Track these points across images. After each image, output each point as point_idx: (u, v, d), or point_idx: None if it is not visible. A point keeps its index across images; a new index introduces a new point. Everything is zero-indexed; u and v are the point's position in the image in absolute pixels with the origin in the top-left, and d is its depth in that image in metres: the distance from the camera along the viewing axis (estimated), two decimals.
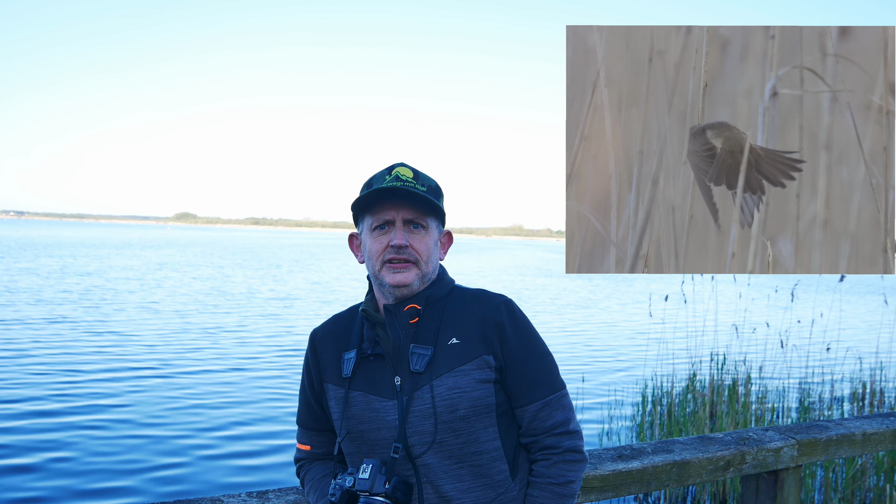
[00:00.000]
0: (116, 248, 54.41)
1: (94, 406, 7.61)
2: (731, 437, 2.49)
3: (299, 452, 1.73)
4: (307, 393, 1.68)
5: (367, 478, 1.44)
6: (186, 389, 8.58)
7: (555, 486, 1.54)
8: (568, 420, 1.58)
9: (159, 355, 10.74)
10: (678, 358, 8.45)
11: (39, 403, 7.58)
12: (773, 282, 19.74)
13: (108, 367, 9.66)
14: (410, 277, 1.53)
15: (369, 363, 1.57)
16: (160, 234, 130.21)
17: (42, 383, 8.51)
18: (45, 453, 6.05)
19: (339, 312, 1.72)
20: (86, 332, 12.61)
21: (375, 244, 1.55)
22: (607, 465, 2.14)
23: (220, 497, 1.81)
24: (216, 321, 15.01)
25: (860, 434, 2.71)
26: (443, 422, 1.49)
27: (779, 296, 13.75)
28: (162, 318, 15.00)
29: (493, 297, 1.60)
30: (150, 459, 6.04)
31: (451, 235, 1.70)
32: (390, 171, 1.56)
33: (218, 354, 11.07)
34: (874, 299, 24.97)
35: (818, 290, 19.36)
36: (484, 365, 1.52)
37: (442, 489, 1.50)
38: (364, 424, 1.54)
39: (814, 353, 8.47)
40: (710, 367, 6.81)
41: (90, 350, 10.93)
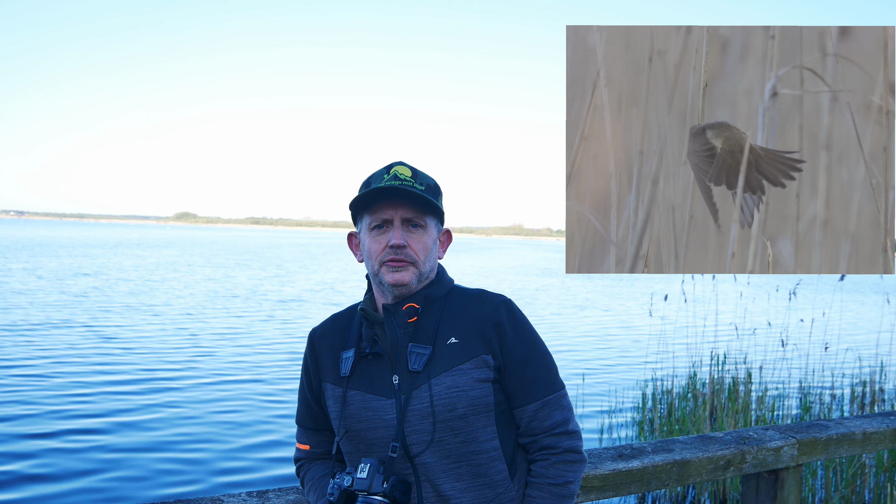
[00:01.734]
0: (129, 247, 54.43)
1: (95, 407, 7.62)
2: (732, 437, 2.49)
3: (298, 452, 1.73)
4: (306, 392, 1.68)
5: (365, 477, 1.44)
6: (187, 388, 8.59)
7: (553, 487, 1.54)
8: (567, 420, 1.57)
9: (164, 356, 10.74)
10: (678, 358, 8.45)
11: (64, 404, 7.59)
12: (774, 281, 19.73)
13: (108, 372, 9.67)
14: (409, 276, 1.53)
15: (367, 362, 1.57)
16: (160, 233, 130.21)
17: (45, 384, 8.52)
18: (45, 452, 6.06)
19: (338, 312, 1.72)
20: (86, 337, 12.62)
21: (374, 244, 1.55)
22: (607, 465, 2.14)
23: (220, 497, 1.81)
24: (221, 323, 15.01)
25: (860, 433, 2.71)
26: (441, 421, 1.48)
27: (779, 295, 13.75)
28: (165, 321, 15.00)
29: (492, 296, 1.60)
30: (151, 459, 6.05)
31: (451, 234, 1.69)
32: (389, 170, 1.56)
33: (219, 354, 11.07)
34: (874, 299, 24.97)
35: (818, 289, 19.36)
36: (483, 364, 1.51)
37: (440, 488, 1.49)
38: (362, 423, 1.53)
39: (814, 352, 8.47)
40: (710, 366, 6.80)
41: (94, 355, 10.94)
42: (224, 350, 11.42)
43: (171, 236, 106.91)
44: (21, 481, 5.42)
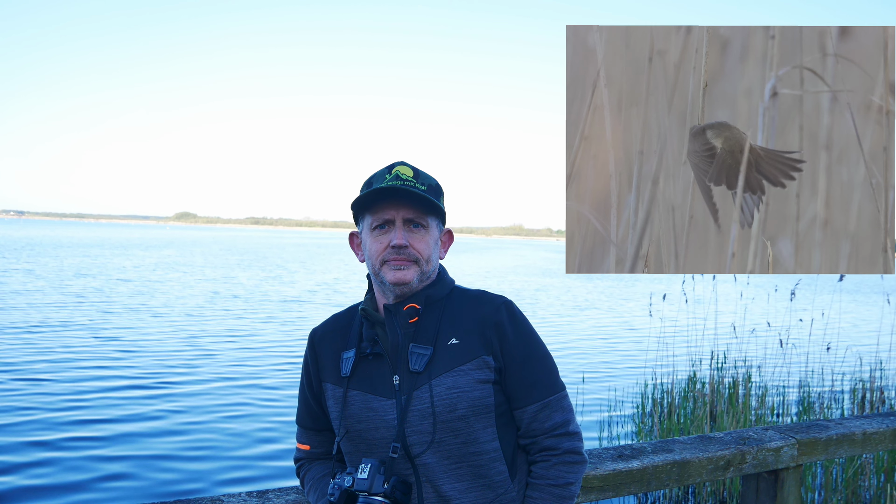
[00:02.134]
0: (129, 247, 54.44)
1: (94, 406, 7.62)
2: (732, 437, 2.49)
3: (299, 452, 1.73)
4: (306, 392, 1.68)
5: (365, 477, 1.44)
6: (187, 388, 8.59)
7: (554, 488, 1.54)
8: (567, 421, 1.57)
9: (169, 358, 10.75)
10: (678, 358, 8.45)
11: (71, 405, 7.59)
12: (774, 281, 19.74)
13: (105, 376, 9.66)
14: (410, 275, 1.53)
15: (368, 362, 1.57)
16: (160, 234, 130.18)
17: (46, 383, 8.52)
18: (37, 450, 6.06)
19: (338, 312, 1.72)
20: (85, 338, 12.62)
21: (375, 244, 1.55)
22: (607, 465, 2.14)
23: (220, 497, 1.81)
24: (221, 323, 15.01)
25: (860, 433, 2.71)
26: (441, 421, 1.48)
27: (779, 295, 13.75)
28: (165, 322, 15.00)
29: (492, 297, 1.60)
30: (150, 458, 6.05)
31: (452, 234, 1.69)
32: (390, 170, 1.56)
33: (219, 354, 11.07)
34: (875, 298, 24.97)
35: (818, 289, 19.36)
36: (483, 365, 1.51)
37: (441, 489, 1.49)
38: (362, 424, 1.54)
39: (814, 352, 8.47)
40: (710, 366, 6.80)
41: (94, 355, 10.94)
42: (224, 350, 11.41)
43: (171, 236, 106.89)
44: (21, 480, 5.42)
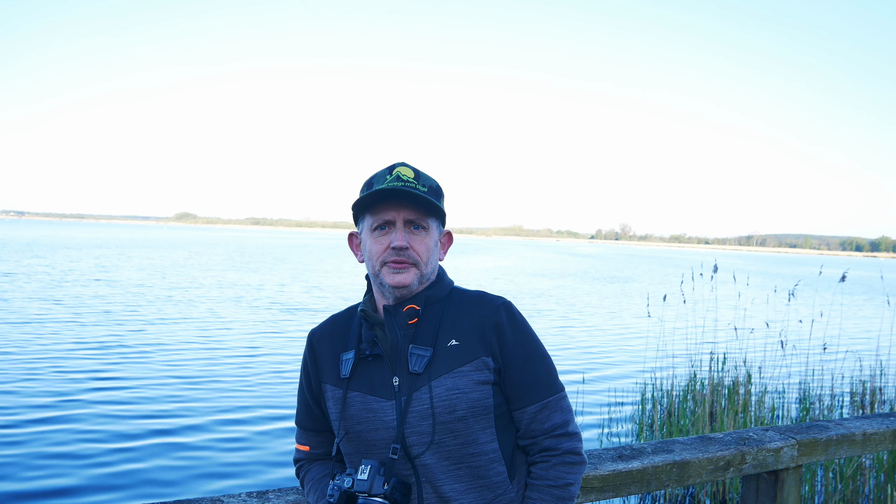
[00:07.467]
0: (128, 247, 54.39)
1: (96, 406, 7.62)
2: (731, 437, 2.49)
3: (298, 453, 1.73)
4: (305, 394, 1.68)
5: (365, 479, 1.44)
6: (187, 388, 8.59)
7: (553, 489, 1.54)
8: (567, 422, 1.57)
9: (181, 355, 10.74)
10: (678, 358, 8.45)
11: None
12: (773, 281, 19.74)
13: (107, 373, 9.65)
14: (410, 278, 1.53)
15: (367, 364, 1.56)
16: (159, 234, 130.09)
17: (44, 380, 8.51)
18: (42, 450, 6.06)
19: (338, 313, 1.71)
20: (83, 339, 12.62)
21: (376, 245, 1.55)
22: (607, 465, 2.14)
23: (220, 497, 1.80)
24: (220, 324, 15.00)
25: (860, 434, 2.71)
26: (441, 422, 1.48)
27: (778, 295, 13.75)
28: (164, 322, 15.00)
29: (492, 298, 1.59)
30: (150, 459, 6.04)
31: (451, 235, 1.69)
32: (391, 171, 1.56)
33: (219, 354, 11.08)
34: (875, 299, 24.97)
35: (818, 289, 19.36)
36: (483, 366, 1.51)
37: (441, 490, 1.49)
38: (362, 425, 1.53)
39: (813, 352, 8.46)
40: (710, 367, 6.80)
41: (93, 356, 10.93)
42: (224, 350, 11.41)
43: (171, 236, 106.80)
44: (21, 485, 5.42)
